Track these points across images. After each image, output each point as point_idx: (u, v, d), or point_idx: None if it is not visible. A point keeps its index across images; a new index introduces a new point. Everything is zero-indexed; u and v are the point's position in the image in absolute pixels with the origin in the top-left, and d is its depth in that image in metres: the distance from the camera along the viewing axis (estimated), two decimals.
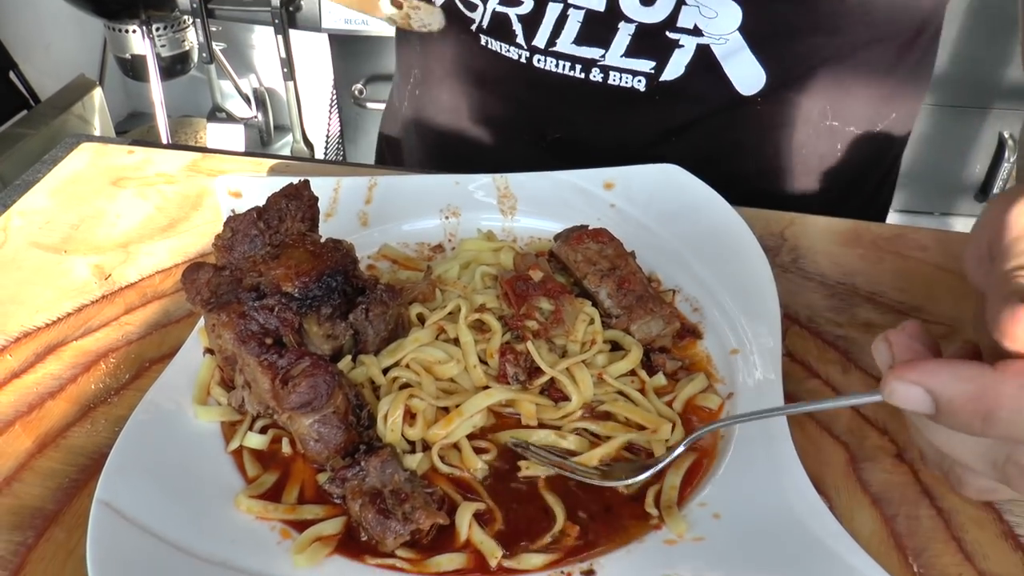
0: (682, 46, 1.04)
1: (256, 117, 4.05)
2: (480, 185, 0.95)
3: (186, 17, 3.67)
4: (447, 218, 0.93)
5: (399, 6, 1.10)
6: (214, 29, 3.57)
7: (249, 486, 0.66)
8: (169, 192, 1.04)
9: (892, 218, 3.39)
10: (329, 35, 3.20)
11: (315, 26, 3.09)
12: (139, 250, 0.94)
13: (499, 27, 1.11)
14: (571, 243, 0.84)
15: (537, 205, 0.94)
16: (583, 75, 1.08)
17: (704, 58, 1.04)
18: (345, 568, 0.61)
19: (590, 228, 0.86)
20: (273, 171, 1.06)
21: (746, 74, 1.06)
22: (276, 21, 3.33)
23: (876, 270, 0.93)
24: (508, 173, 0.96)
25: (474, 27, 1.13)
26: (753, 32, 1.02)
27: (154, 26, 3.65)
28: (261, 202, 0.77)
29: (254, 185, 0.92)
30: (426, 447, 0.70)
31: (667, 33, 1.03)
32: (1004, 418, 0.49)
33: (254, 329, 0.68)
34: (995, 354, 0.52)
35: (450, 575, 0.61)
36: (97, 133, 3.77)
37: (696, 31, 1.02)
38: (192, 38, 3.75)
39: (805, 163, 1.16)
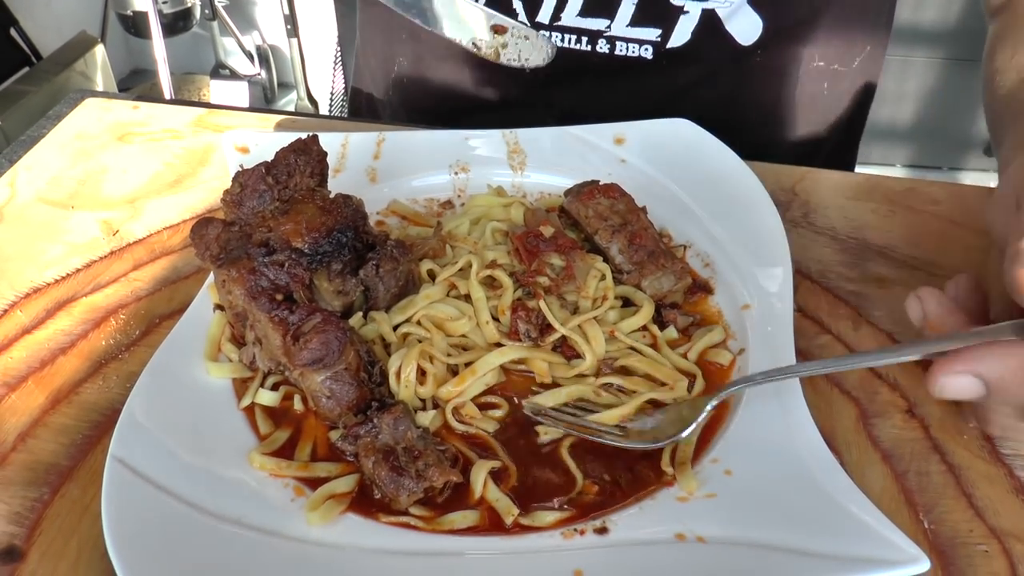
0: (687, 12, 1.05)
1: (260, 74, 4.01)
2: (490, 140, 0.94)
3: None
4: (456, 174, 0.93)
5: (500, 31, 0.86)
6: None
7: (262, 443, 0.66)
8: (176, 148, 1.03)
9: (901, 172, 3.37)
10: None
11: None
12: (146, 206, 0.94)
13: (498, 4, 1.09)
14: (582, 199, 0.84)
15: (547, 161, 0.93)
16: (589, 47, 1.08)
17: (709, 21, 1.05)
18: (358, 526, 0.61)
19: (601, 183, 0.85)
20: (280, 127, 1.06)
21: (745, 27, 1.07)
22: None
23: (888, 224, 0.93)
24: (518, 128, 0.95)
25: None
26: None
27: None
28: (268, 158, 0.76)
29: (261, 140, 0.92)
30: (437, 404, 0.70)
31: (672, 1, 1.03)
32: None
33: (264, 285, 0.68)
34: (1005, 303, 0.53)
35: (464, 532, 0.61)
36: (100, 90, 3.74)
37: None
38: None
39: (801, 105, 1.18)
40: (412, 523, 0.61)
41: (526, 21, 1.08)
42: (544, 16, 1.08)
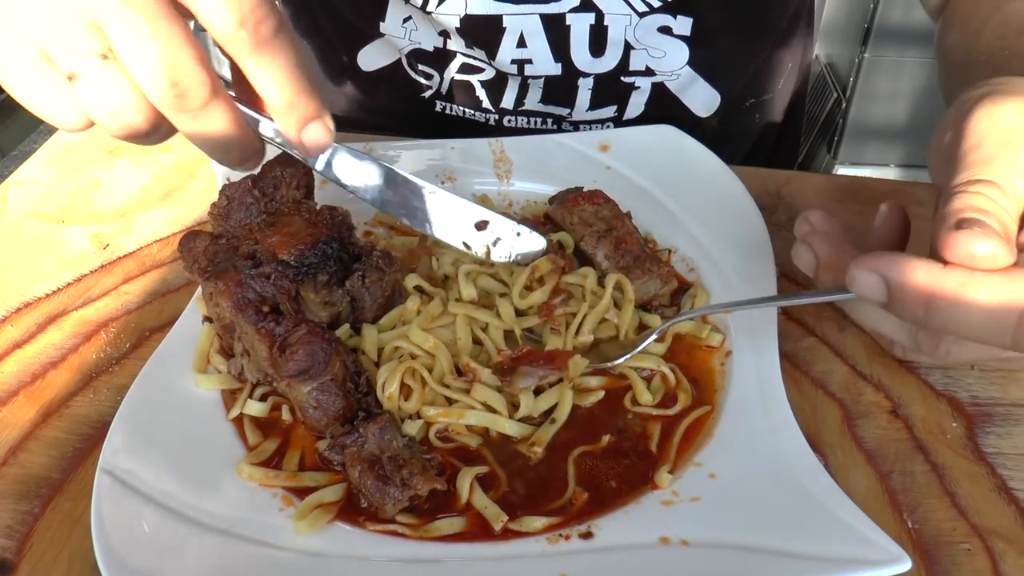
0: (638, 87, 1.09)
1: None
2: (475, 149, 0.95)
3: None
4: (443, 183, 0.93)
5: (482, 227, 0.78)
6: None
7: (250, 454, 0.67)
8: (165, 161, 1.03)
9: (895, 172, 3.37)
10: None
11: None
12: (137, 219, 0.95)
13: (461, 93, 1.13)
14: (567, 206, 0.84)
15: (532, 169, 0.94)
16: (555, 127, 1.13)
17: (660, 92, 1.10)
18: (346, 534, 0.61)
19: (585, 190, 0.86)
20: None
21: (702, 99, 1.13)
22: None
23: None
24: (503, 137, 0.96)
25: (428, 94, 1.15)
26: (701, 64, 1.09)
27: None
28: (256, 170, 0.77)
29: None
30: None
31: (622, 79, 1.08)
32: (942, 308, 0.53)
33: (251, 297, 0.69)
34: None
35: (450, 539, 0.62)
36: None
37: (648, 71, 1.08)
38: None
39: (744, 140, 1.26)
40: (399, 531, 0.61)
41: (491, 107, 1.12)
42: (508, 103, 1.12)
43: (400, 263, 0.77)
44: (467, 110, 1.14)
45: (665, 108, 1.12)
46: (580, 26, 1.03)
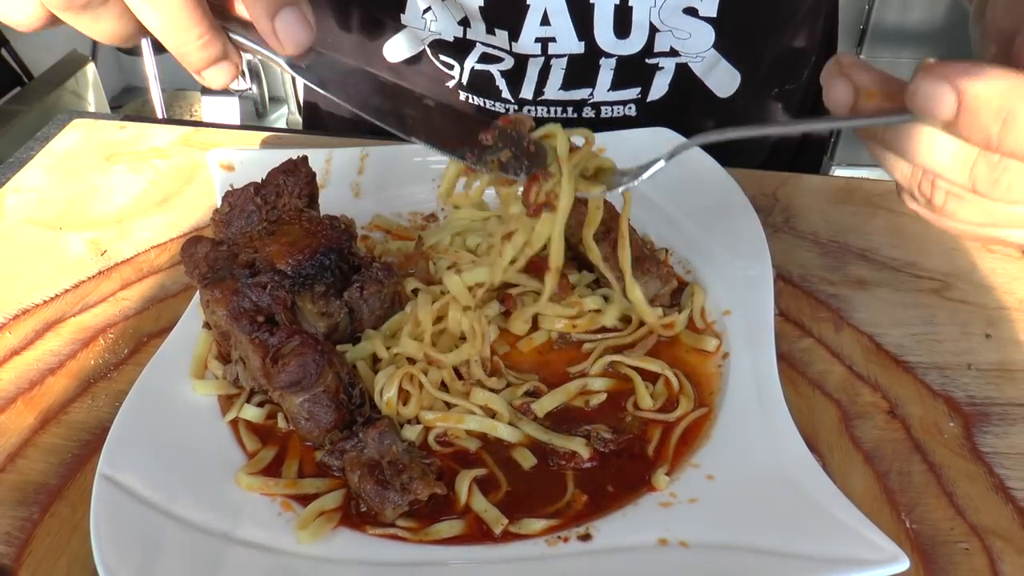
0: (662, 68, 1.09)
1: (251, 89, 4.02)
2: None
3: None
4: (440, 186, 0.93)
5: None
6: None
7: (249, 462, 0.67)
8: (162, 167, 1.04)
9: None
10: None
11: None
12: (134, 225, 0.95)
13: (481, 83, 1.13)
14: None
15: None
16: (576, 115, 1.12)
17: (684, 74, 1.10)
18: (347, 538, 0.62)
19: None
20: (265, 143, 1.06)
21: (723, 80, 1.12)
22: None
23: (868, 227, 0.94)
24: None
25: (452, 84, 1.15)
26: (726, 46, 1.08)
27: None
28: (253, 174, 0.77)
29: (246, 158, 0.93)
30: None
31: (646, 60, 1.08)
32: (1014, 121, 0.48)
33: (247, 306, 0.69)
34: None
35: (450, 542, 0.62)
36: (91, 108, 3.75)
37: (673, 52, 1.08)
38: None
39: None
40: (399, 534, 0.62)
41: (510, 97, 1.12)
42: (527, 92, 1.12)
43: (398, 269, 0.77)
44: (487, 100, 1.15)
45: (688, 89, 1.12)
46: (604, 5, 1.03)
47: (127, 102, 4.46)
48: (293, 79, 3.56)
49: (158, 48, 3.75)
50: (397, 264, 0.79)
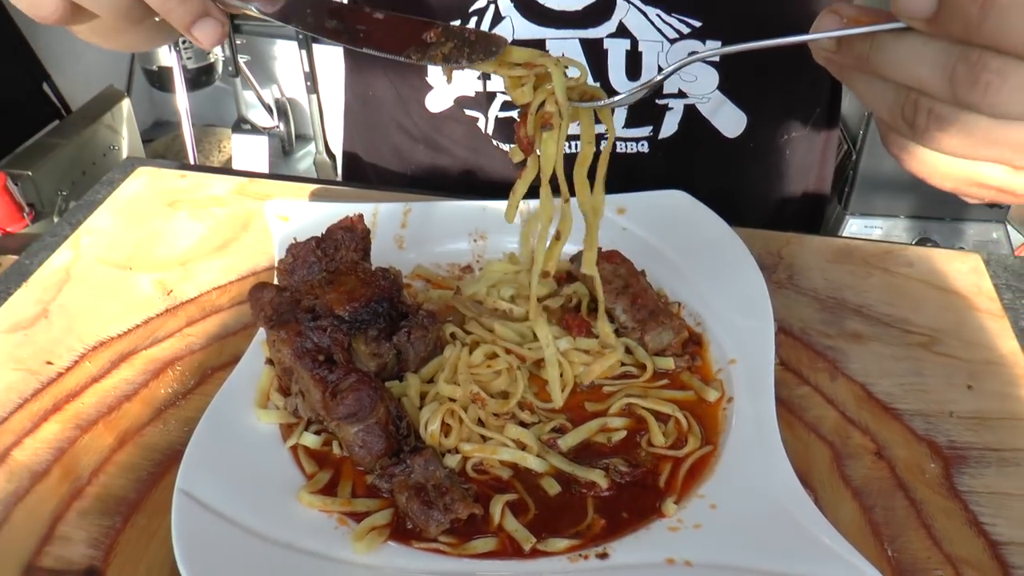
0: (671, 108, 1.18)
1: (278, 127, 4.15)
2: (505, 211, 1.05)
3: None
4: (475, 241, 1.03)
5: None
6: (239, 42, 3.67)
7: (308, 482, 0.76)
8: (220, 214, 1.14)
9: (902, 223, 3.41)
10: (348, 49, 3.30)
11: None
12: (196, 268, 1.05)
13: (507, 129, 1.22)
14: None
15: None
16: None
17: (692, 114, 1.18)
18: (395, 551, 0.71)
19: (604, 250, 0.95)
20: (315, 195, 1.16)
21: (729, 121, 1.20)
22: (300, 36, 3.43)
23: (864, 285, 1.03)
24: (531, 200, 1.05)
25: (481, 131, 1.25)
26: (731, 89, 1.16)
27: (181, 39, 3.74)
28: (305, 224, 0.87)
29: (300, 209, 1.02)
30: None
31: (656, 101, 1.17)
32: (1002, 3, 0.50)
33: (309, 347, 0.78)
34: None
35: (485, 556, 0.71)
36: (125, 142, 3.87)
37: (681, 94, 1.17)
38: (217, 51, 3.83)
39: (778, 174, 1.32)
40: (441, 549, 0.71)
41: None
42: None
43: (439, 316, 0.87)
44: (512, 145, 1.23)
45: (696, 129, 1.20)
46: (617, 51, 1.12)
47: (157, 136, 4.56)
48: (321, 118, 3.68)
49: (191, 85, 3.85)
50: (438, 311, 0.88)
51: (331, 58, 3.64)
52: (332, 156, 3.82)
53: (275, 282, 0.87)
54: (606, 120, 0.83)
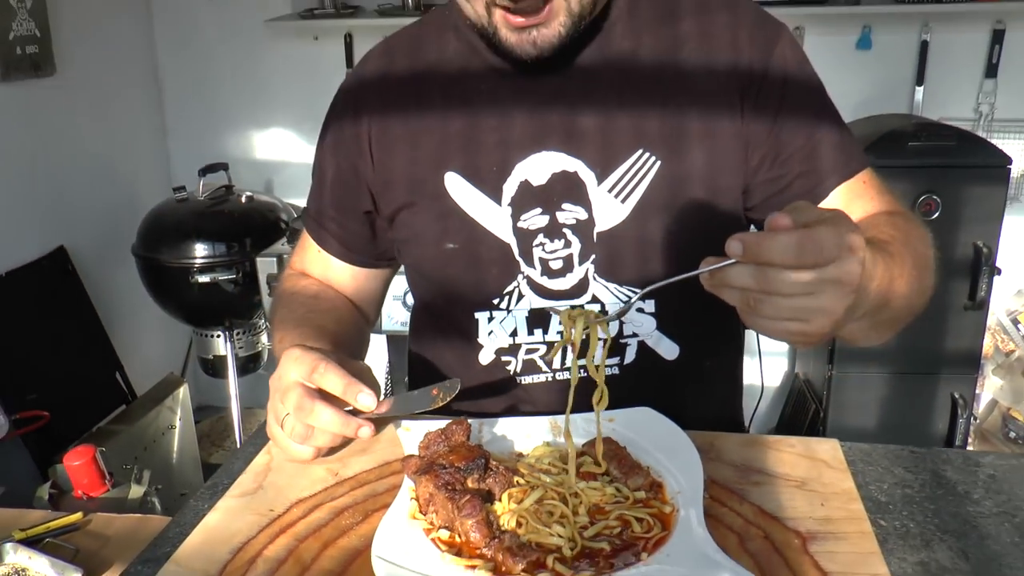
0: (629, 344, 1.68)
1: None
2: (545, 424, 1.68)
3: (262, 321, 4.35)
4: (526, 437, 1.67)
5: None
6: None
7: (443, 554, 1.35)
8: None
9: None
10: (387, 335, 4.05)
11: (375, 329, 3.88)
12: (350, 461, 1.65)
13: (531, 367, 1.72)
14: (593, 447, 1.57)
15: (576, 430, 1.67)
16: (584, 372, 1.53)
17: (643, 346, 1.79)
18: None
19: (604, 438, 1.58)
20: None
21: (668, 349, 1.81)
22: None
23: (765, 458, 1.65)
24: (558, 416, 1.69)
25: (511, 372, 1.73)
26: (665, 328, 1.68)
27: (235, 331, 4.34)
28: (419, 433, 1.52)
29: (416, 426, 1.66)
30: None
31: (619, 341, 1.67)
32: (766, 245, 0.98)
33: (443, 482, 1.41)
34: None
35: None
36: (179, 423, 4.43)
37: (634, 334, 1.78)
38: (265, 340, 4.36)
39: (705, 386, 1.82)
40: None
41: (558, 365, 1.73)
42: (556, 364, 1.70)
43: (509, 470, 1.50)
44: (535, 376, 1.72)
45: (647, 356, 1.69)
46: (592, 309, 1.63)
47: (202, 418, 5.09)
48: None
49: (239, 371, 4.44)
50: (507, 468, 1.51)
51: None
52: None
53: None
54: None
